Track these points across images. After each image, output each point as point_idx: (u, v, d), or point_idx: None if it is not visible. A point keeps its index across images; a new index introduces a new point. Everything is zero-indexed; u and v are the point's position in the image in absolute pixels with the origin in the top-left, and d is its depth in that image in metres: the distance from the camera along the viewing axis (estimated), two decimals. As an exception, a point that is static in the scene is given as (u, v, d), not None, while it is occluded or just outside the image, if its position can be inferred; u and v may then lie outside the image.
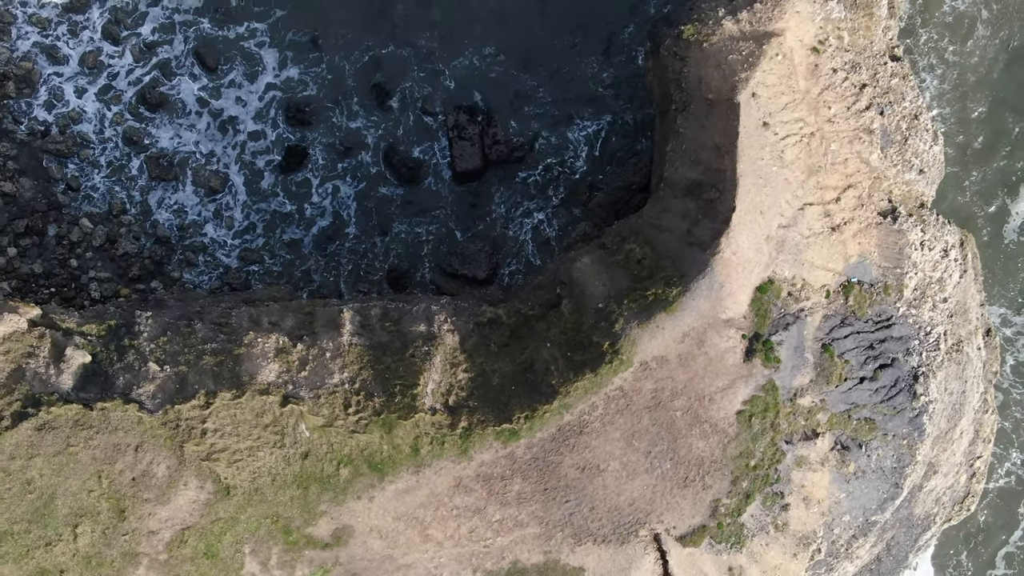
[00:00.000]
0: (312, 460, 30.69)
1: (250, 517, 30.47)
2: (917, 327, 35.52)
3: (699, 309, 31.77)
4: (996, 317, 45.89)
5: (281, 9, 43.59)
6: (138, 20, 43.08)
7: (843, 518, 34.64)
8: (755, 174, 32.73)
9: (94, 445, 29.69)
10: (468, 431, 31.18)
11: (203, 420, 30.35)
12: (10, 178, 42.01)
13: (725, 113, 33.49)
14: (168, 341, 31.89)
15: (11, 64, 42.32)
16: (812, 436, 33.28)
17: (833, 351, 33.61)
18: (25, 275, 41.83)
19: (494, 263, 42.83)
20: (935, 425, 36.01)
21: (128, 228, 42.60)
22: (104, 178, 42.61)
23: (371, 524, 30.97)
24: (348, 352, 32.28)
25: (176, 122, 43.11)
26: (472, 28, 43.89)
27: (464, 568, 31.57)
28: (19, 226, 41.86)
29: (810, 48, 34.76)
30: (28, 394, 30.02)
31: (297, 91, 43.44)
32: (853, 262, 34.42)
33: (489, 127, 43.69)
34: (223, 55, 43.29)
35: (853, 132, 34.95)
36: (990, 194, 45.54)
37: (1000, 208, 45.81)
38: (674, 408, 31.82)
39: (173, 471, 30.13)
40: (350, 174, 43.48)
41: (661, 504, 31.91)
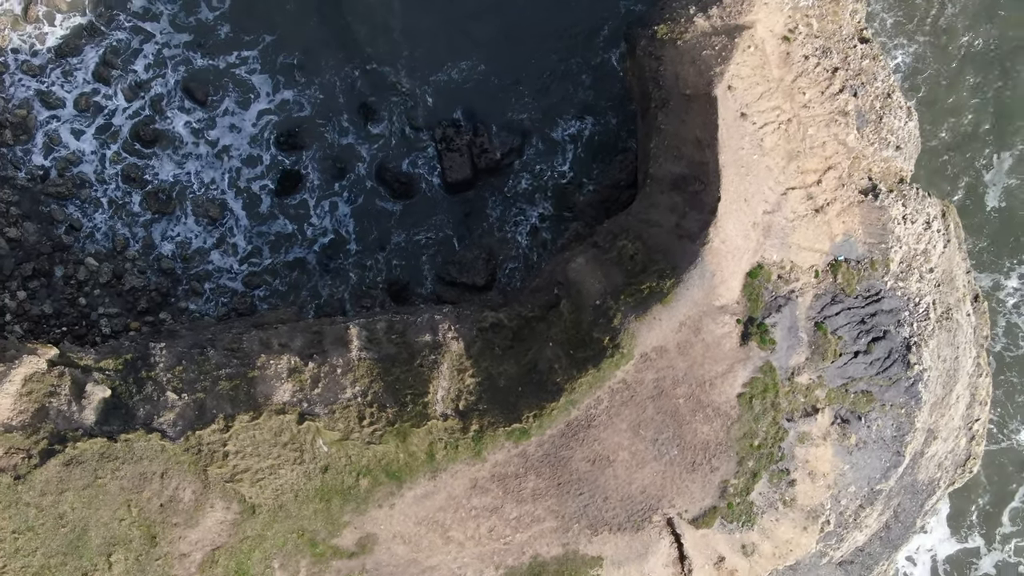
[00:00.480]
0: (332, 473, 31.73)
1: (277, 533, 31.52)
2: (906, 299, 36.63)
3: (693, 298, 32.86)
4: (988, 281, 46.90)
5: (270, 34, 44.65)
6: (129, 58, 44.10)
7: (849, 489, 35.73)
8: (737, 164, 33.85)
9: (121, 476, 30.74)
10: (480, 433, 32.23)
11: (224, 443, 31.41)
12: (14, 223, 43.05)
13: (703, 107, 34.62)
14: (183, 370, 32.98)
15: (7, 112, 43.38)
16: (812, 412, 34.36)
17: (826, 328, 34.72)
18: (36, 316, 42.86)
19: (492, 269, 43.94)
20: (931, 392, 37.09)
21: (133, 263, 43.64)
22: (106, 217, 43.66)
23: (394, 530, 32.03)
24: (358, 367, 33.34)
25: (172, 155, 44.18)
26: (449, 42, 44.95)
27: (487, 566, 32.63)
28: (26, 269, 42.90)
29: (781, 37, 35.93)
30: (53, 432, 31.08)
31: (293, 112, 44.50)
32: (839, 241, 35.53)
33: (476, 137, 44.78)
34: (213, 85, 44.35)
35: (829, 115, 36.08)
36: (968, 166, 46.60)
37: (977, 178, 46.88)
38: (677, 396, 32.91)
39: (199, 494, 31.17)
40: (346, 192, 44.56)
41: (671, 489, 32.98)
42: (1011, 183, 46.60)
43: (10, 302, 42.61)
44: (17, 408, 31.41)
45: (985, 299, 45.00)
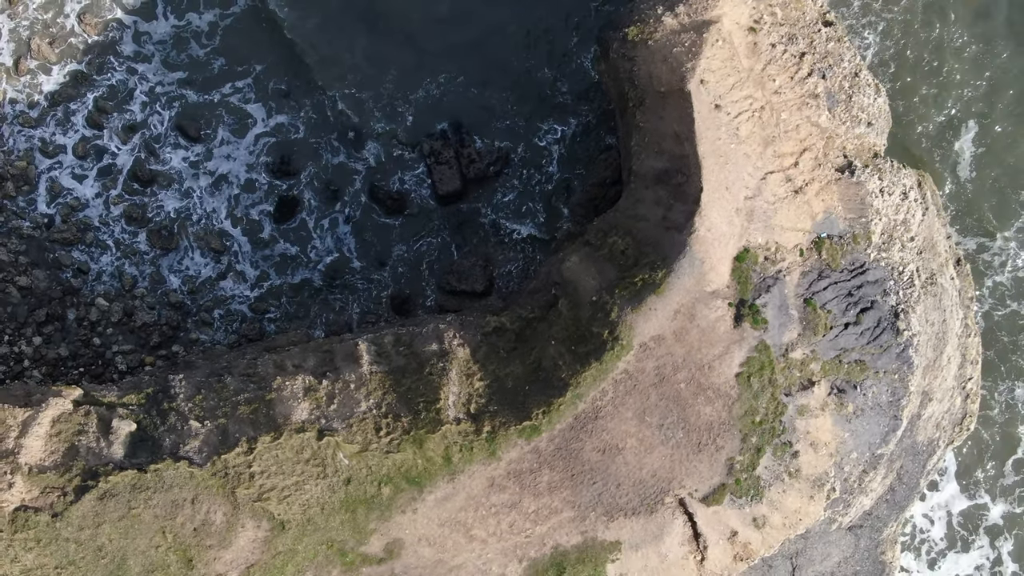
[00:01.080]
0: (355, 484, 33.06)
1: (307, 546, 32.84)
2: (890, 268, 38.05)
3: (685, 286, 34.23)
4: (973, 245, 48.19)
5: (259, 63, 46.04)
6: (123, 102, 45.41)
7: (851, 456, 37.11)
8: (716, 154, 35.25)
9: (154, 504, 32.05)
10: (493, 434, 33.55)
11: (249, 465, 32.73)
12: (23, 272, 44.35)
13: (678, 102, 36.01)
14: (203, 398, 34.31)
15: (7, 165, 44.70)
16: (809, 385, 35.74)
17: (815, 304, 36.12)
18: (53, 360, 44.15)
19: (490, 275, 45.29)
20: (922, 356, 38.49)
21: (142, 300, 44.93)
22: (112, 258, 44.96)
23: (419, 534, 33.36)
24: (370, 380, 34.69)
25: (171, 191, 45.50)
26: (423, 59, 46.31)
27: (510, 560, 33.98)
28: (40, 315, 44.19)
29: (747, 29, 37.33)
30: (85, 468, 32.39)
31: (287, 134, 45.88)
32: (820, 219, 36.95)
33: (462, 148, 46.13)
34: (206, 120, 45.66)
35: (800, 99, 37.50)
36: (939, 135, 47.87)
37: (949, 147, 48.17)
38: (678, 381, 34.27)
39: (230, 516, 32.49)
40: (342, 213, 45.91)
41: (680, 470, 34.34)
42: (979, 151, 47.87)
43: (27, 348, 43.90)
44: (48, 449, 32.72)
45: (969, 262, 46.57)
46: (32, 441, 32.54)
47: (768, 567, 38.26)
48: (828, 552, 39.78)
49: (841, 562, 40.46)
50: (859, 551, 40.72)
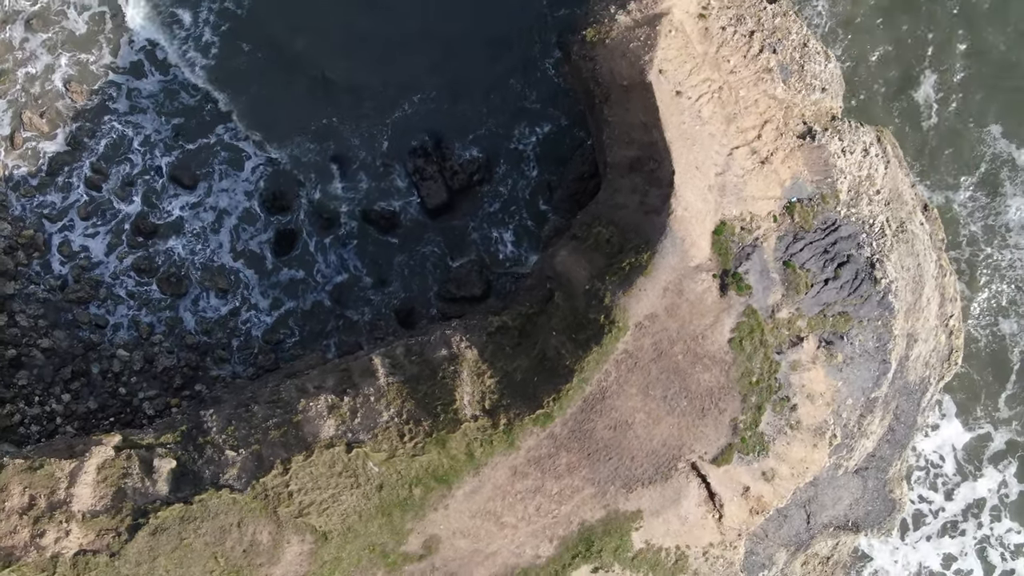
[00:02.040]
0: (387, 489, 35.18)
1: (350, 553, 34.96)
2: (860, 222, 40.26)
3: (670, 265, 36.42)
4: (941, 199, 50.28)
5: (248, 100, 48.61)
6: (119, 160, 47.71)
7: (846, 402, 39.29)
8: (682, 137, 37.47)
9: (203, 533, 34.16)
10: (509, 426, 35.67)
11: (286, 484, 34.86)
12: (44, 335, 46.52)
13: (641, 94, 38.22)
14: (235, 428, 36.48)
15: (16, 235, 46.85)
16: (798, 341, 37.90)
17: (794, 265, 38.32)
18: (84, 414, 46.29)
19: (486, 278, 47.53)
20: (902, 300, 40.64)
21: (160, 346, 47.11)
22: (127, 309, 47.15)
23: (453, 528, 35.50)
24: (388, 391, 36.85)
25: (175, 239, 47.73)
26: (397, 82, 48.66)
27: (541, 541, 36.14)
28: (65, 373, 46.34)
29: (697, 16, 39.57)
30: (134, 507, 34.52)
31: (279, 167, 48.34)
32: (788, 185, 39.14)
33: (445, 162, 48.38)
34: (201, 163, 48.06)
35: (755, 75, 39.72)
36: (898, 91, 50.04)
37: (910, 101, 50.34)
38: (675, 354, 36.44)
39: (275, 534, 34.62)
40: (340, 238, 48.21)
41: (689, 437, 36.51)
42: (939, 99, 50.03)
43: (57, 406, 46.06)
44: (97, 494, 34.87)
45: (941, 211, 48.83)
46: (81, 489, 34.69)
47: (784, 517, 40.44)
48: (839, 496, 41.96)
49: (852, 504, 42.65)
50: (868, 491, 42.91)
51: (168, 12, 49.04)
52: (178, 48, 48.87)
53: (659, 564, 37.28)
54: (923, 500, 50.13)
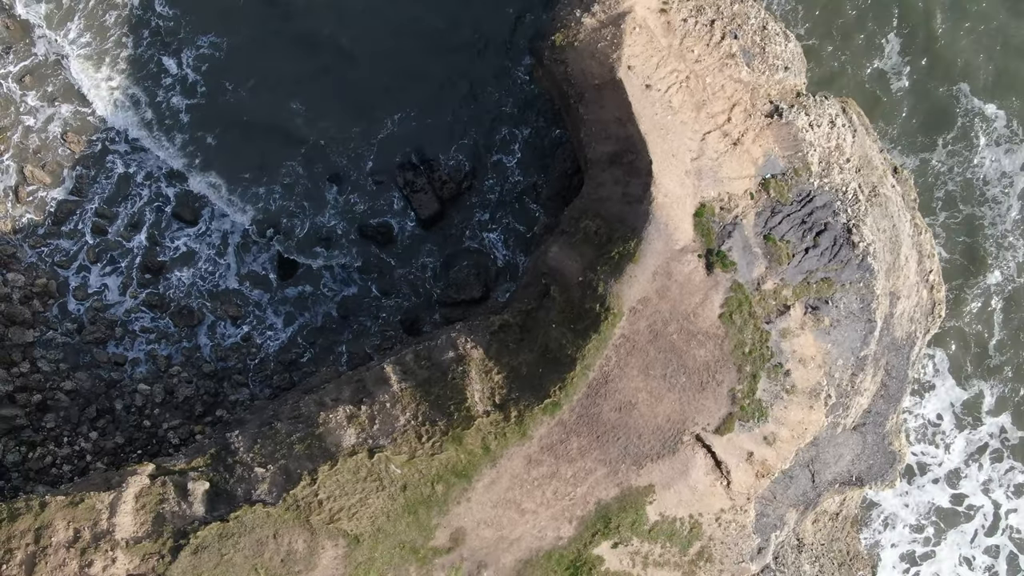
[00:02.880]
0: (411, 489, 37.06)
1: (383, 552, 36.84)
2: (834, 191, 42.18)
3: (656, 250, 38.34)
4: (917, 160, 52.07)
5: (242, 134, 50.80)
6: (120, 202, 49.61)
7: (837, 363, 41.21)
8: (656, 128, 39.40)
9: (242, 547, 36.04)
10: (520, 417, 37.55)
11: (316, 493, 36.73)
12: (67, 377, 48.39)
13: (613, 90, 40.14)
14: (261, 447, 38.35)
15: (30, 285, 48.72)
16: (785, 310, 39.83)
17: (774, 238, 40.25)
18: (112, 449, 48.14)
19: (484, 281, 49.46)
20: (881, 261, 42.54)
21: (179, 376, 48.98)
22: (144, 344, 49.06)
23: (476, 519, 37.39)
24: (403, 396, 38.75)
25: (182, 272, 49.66)
26: (379, 103, 50.66)
27: (561, 523, 38.04)
28: (91, 412, 48.21)
29: (658, 11, 41.51)
30: (174, 530, 36.39)
31: (275, 193, 50.41)
32: (761, 163, 41.08)
33: (432, 173, 50.29)
34: (199, 200, 49.98)
35: (719, 62, 41.66)
36: (865, 59, 51.78)
37: (878, 68, 52.22)
38: (670, 333, 38.36)
39: (309, 542, 36.51)
40: (340, 256, 50.11)
41: (690, 410, 38.43)
42: (903, 63, 51.93)
43: (86, 444, 47.91)
44: (137, 521, 36.74)
45: (919, 171, 50.78)
46: (122, 518, 36.55)
47: (789, 478, 42.37)
48: (840, 453, 43.89)
49: (854, 460, 44.59)
50: (867, 446, 44.84)
51: (153, 62, 50.98)
52: (163, 97, 50.82)
53: (675, 534, 39.21)
54: (925, 455, 52.09)
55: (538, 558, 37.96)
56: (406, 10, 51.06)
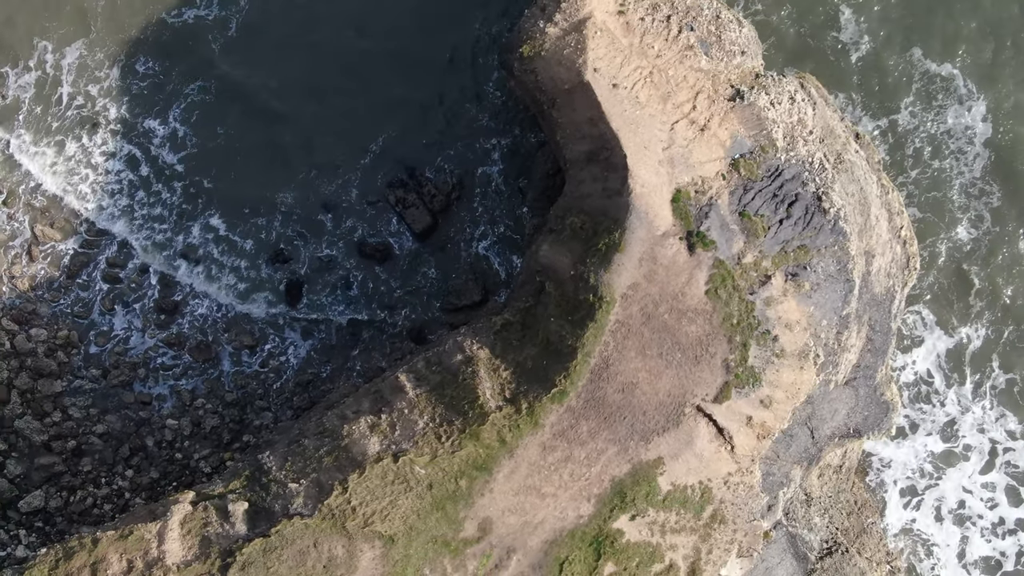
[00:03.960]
0: (437, 487, 39.51)
1: (417, 549, 39.28)
2: (801, 163, 44.68)
3: (640, 237, 40.83)
4: (884, 124, 53.85)
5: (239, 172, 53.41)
6: (128, 255, 52.15)
7: (822, 324, 43.70)
8: (627, 124, 41.91)
9: (285, 559, 38.47)
10: (531, 408, 39.98)
11: (348, 501, 39.17)
12: (98, 421, 50.84)
13: (583, 93, 42.64)
14: (292, 463, 40.82)
15: (52, 338, 51.16)
16: (766, 280, 42.31)
17: (749, 214, 42.75)
18: (148, 484, 50.60)
19: (483, 284, 52.00)
20: (852, 223, 44.99)
21: (203, 408, 51.45)
22: (167, 381, 51.56)
23: (501, 507, 39.84)
24: (419, 402, 41.21)
25: (195, 308, 52.19)
26: (361, 129, 53.23)
27: (580, 502, 40.51)
28: (124, 452, 50.66)
29: (616, 13, 44.01)
30: (221, 550, 38.81)
31: (275, 224, 52.98)
32: (729, 145, 43.58)
33: (421, 188, 52.79)
34: (205, 243, 52.68)
35: (679, 54, 44.17)
36: (823, 32, 53.58)
37: (836, 39, 54.28)
38: (661, 314, 40.85)
39: (348, 547, 38.95)
40: (342, 276, 52.67)
41: (689, 383, 40.91)
42: (861, 32, 54.19)
43: (123, 483, 50.38)
44: (185, 546, 39.18)
45: (885, 134, 53.11)
46: (171, 544, 39.00)
47: (790, 437, 44.84)
48: (835, 408, 46.36)
49: (849, 413, 47.06)
50: (860, 399, 47.32)
51: (140, 122, 53.67)
52: (158, 148, 53.42)
53: (688, 500, 41.72)
54: (920, 411, 54.33)
55: (562, 538, 40.42)
56: (374, 40, 53.53)
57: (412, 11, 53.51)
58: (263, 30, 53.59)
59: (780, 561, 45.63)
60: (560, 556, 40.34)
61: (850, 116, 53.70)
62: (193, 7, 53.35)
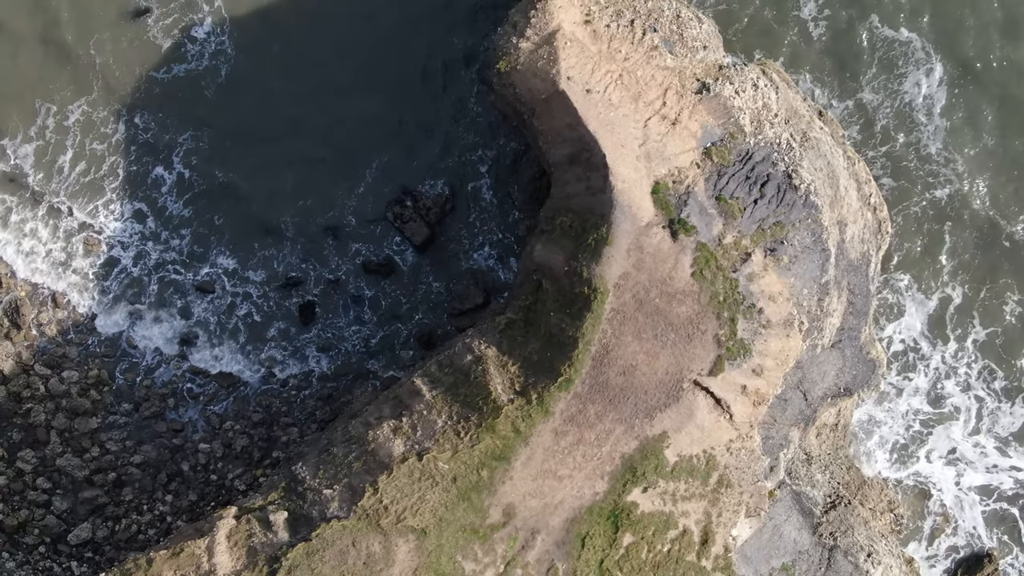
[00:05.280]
0: (460, 479, 42.49)
1: (448, 538, 42.21)
2: (769, 144, 47.70)
3: (626, 230, 43.84)
4: (851, 99, 56.66)
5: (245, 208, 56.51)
6: (149, 284, 55.28)
7: (803, 293, 46.69)
8: (603, 126, 44.93)
9: (327, 560, 41.44)
10: (540, 398, 42.88)
11: (380, 500, 42.15)
12: (134, 452, 53.85)
13: (559, 101, 45.64)
14: (324, 471, 43.85)
15: (83, 379, 54.16)
16: (747, 257, 45.29)
17: (725, 197, 45.77)
18: (188, 507, 53.61)
19: (484, 288, 55.03)
20: (823, 196, 47.94)
21: (232, 430, 54.45)
22: (196, 408, 54.60)
23: (522, 492, 42.83)
24: (436, 402, 44.21)
25: (216, 338, 55.25)
26: (355, 159, 56.44)
27: (595, 480, 43.49)
28: (162, 479, 53.68)
29: (583, 23, 47.03)
30: (267, 558, 41.78)
31: (282, 252, 56.15)
32: (700, 135, 46.60)
33: (416, 203, 55.82)
34: (214, 276, 55.81)
35: (645, 55, 47.20)
36: (784, 14, 56.33)
37: (797, 19, 56.75)
38: (652, 299, 43.86)
39: (384, 543, 41.94)
40: (350, 294, 55.75)
41: (685, 360, 43.93)
42: (820, 7, 56.42)
43: (164, 508, 53.40)
44: (234, 557, 42.18)
45: (853, 108, 55.81)
46: (220, 557, 42.01)
47: (784, 401, 47.88)
48: (824, 371, 49.43)
49: (838, 373, 50.13)
50: (847, 359, 50.38)
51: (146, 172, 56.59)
52: (164, 196, 56.41)
53: (694, 469, 44.75)
54: (907, 379, 57.13)
55: (581, 515, 43.45)
56: (357, 75, 56.49)
57: (389, 40, 56.36)
58: (251, 74, 56.37)
59: (787, 518, 48.64)
60: (581, 532, 43.37)
61: (821, 92, 56.35)
62: (183, 62, 56.34)
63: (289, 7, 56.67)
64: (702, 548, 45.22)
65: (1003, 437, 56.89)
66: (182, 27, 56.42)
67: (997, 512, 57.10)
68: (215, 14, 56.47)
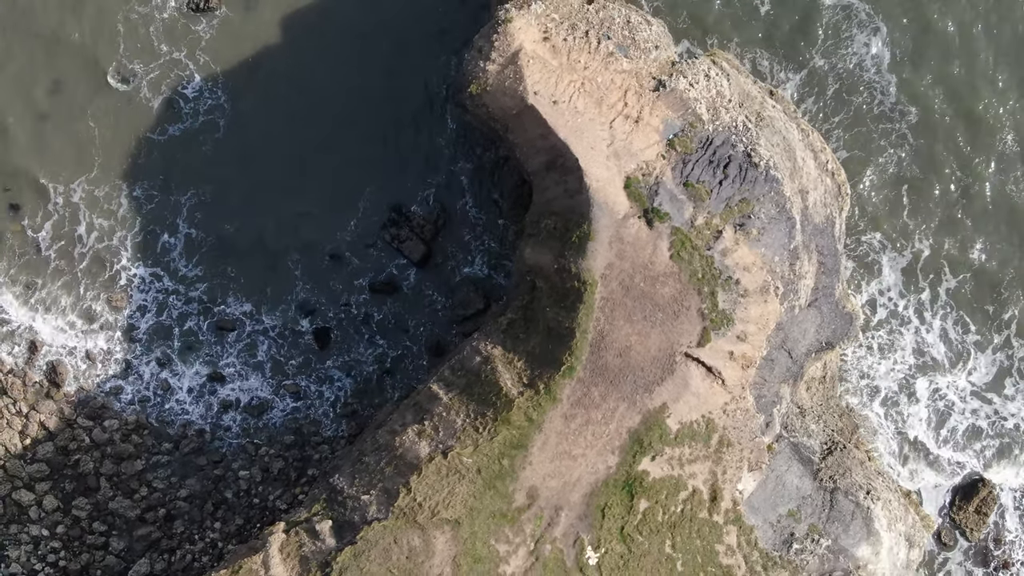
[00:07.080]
0: (484, 470, 46.38)
1: (480, 525, 46.17)
2: (727, 128, 51.64)
3: (605, 224, 47.78)
4: (804, 72, 60.75)
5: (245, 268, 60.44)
6: (170, 336, 59.30)
7: (775, 260, 50.64)
8: (572, 132, 48.93)
9: (373, 558, 45.38)
10: (547, 387, 46.67)
11: (414, 499, 46.10)
12: (180, 487, 57.84)
13: (530, 114, 49.62)
14: (359, 479, 47.84)
15: (124, 426, 58.14)
16: (719, 235, 49.25)
17: (691, 183, 49.74)
18: (236, 531, 57.56)
19: (483, 294, 59.04)
20: (783, 169, 51.89)
21: (268, 456, 58.46)
22: (232, 439, 58.57)
23: (541, 475, 46.82)
24: (453, 404, 48.19)
25: (243, 372, 59.28)
26: (349, 189, 60.37)
27: (607, 455, 47.36)
28: (209, 508, 57.66)
29: (542, 40, 51.00)
30: (319, 564, 45.69)
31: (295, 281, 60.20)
32: (663, 129, 50.55)
33: (411, 221, 59.81)
34: (234, 318, 59.87)
35: (603, 62, 51.21)
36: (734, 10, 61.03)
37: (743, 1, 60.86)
38: (637, 284, 47.83)
39: (422, 537, 45.90)
40: (361, 314, 59.80)
41: (673, 336, 47.91)
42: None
43: (214, 535, 57.40)
44: (288, 567, 46.15)
45: (807, 79, 59.55)
46: (276, 568, 46.00)
47: (771, 361, 51.78)
48: (804, 329, 53.30)
49: (818, 330, 53.98)
50: (825, 316, 54.25)
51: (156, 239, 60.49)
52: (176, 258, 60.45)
53: (696, 434, 48.76)
54: (889, 334, 61.20)
55: (598, 488, 47.49)
56: (347, 110, 60.24)
57: (375, 71, 60.41)
58: (244, 125, 60.19)
59: (788, 468, 52.63)
60: (600, 504, 47.43)
61: (775, 69, 59.91)
62: (178, 121, 60.15)
63: (275, 53, 60.35)
64: (712, 505, 49.30)
65: (977, 387, 61.28)
66: (171, 86, 60.08)
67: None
68: (202, 69, 60.15)
